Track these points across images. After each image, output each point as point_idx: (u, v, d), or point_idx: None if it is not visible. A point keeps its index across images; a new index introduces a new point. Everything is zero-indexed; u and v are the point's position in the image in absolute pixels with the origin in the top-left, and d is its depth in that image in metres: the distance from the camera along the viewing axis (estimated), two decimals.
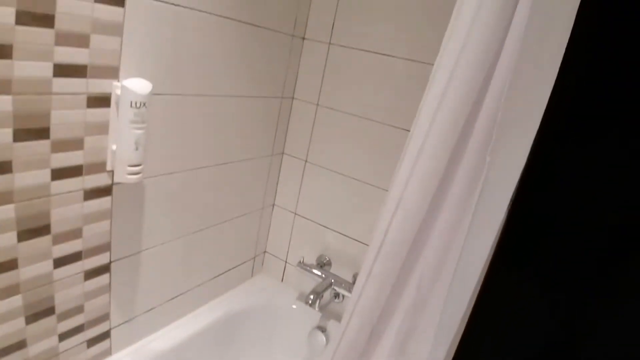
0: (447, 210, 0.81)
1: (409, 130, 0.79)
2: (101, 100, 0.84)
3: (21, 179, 0.73)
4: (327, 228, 1.42)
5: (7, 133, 0.69)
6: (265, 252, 1.53)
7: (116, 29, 0.81)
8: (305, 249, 1.49)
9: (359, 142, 1.31)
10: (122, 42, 0.83)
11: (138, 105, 0.84)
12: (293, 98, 1.42)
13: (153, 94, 0.92)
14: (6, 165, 0.70)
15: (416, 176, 0.77)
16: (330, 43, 1.31)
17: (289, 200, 1.50)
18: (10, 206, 0.74)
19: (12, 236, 0.76)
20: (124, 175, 0.87)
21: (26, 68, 0.68)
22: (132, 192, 0.99)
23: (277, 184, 1.52)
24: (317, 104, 1.37)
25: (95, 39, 0.79)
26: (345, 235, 1.39)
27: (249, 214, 1.44)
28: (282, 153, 1.49)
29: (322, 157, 1.39)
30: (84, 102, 0.81)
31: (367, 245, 0.84)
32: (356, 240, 1.38)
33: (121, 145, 0.86)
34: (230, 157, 1.25)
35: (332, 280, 1.37)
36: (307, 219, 1.47)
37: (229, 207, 1.33)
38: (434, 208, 0.82)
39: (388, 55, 1.22)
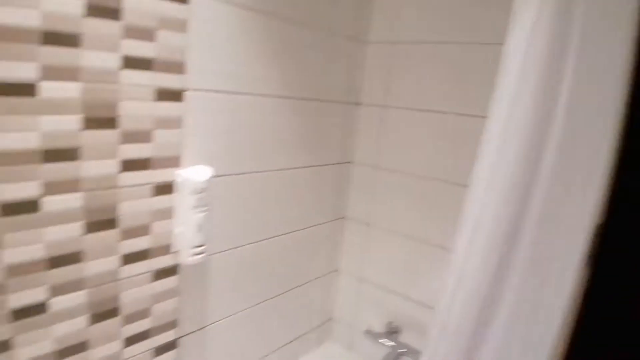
0: (513, 285, 0.72)
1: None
2: (165, 189, 0.90)
3: (92, 267, 0.77)
4: (395, 293, 1.34)
5: (78, 227, 0.74)
6: (331, 319, 1.47)
7: (176, 122, 0.88)
8: (372, 315, 1.41)
9: (421, 201, 1.25)
10: (182, 133, 0.89)
11: (199, 191, 0.88)
12: (351, 162, 1.41)
13: (213, 176, 0.96)
14: (76, 255, 0.75)
15: (477, 245, 0.70)
16: (384, 105, 1.31)
17: (354, 264, 1.45)
18: (82, 292, 0.77)
19: (83, 320, 0.79)
20: (188, 257, 0.90)
21: (93, 167, 0.75)
22: (198, 269, 1.02)
23: (340, 248, 1.48)
24: (376, 166, 1.35)
25: (157, 133, 0.86)
26: (413, 301, 1.30)
27: (313, 281, 1.41)
28: (344, 218, 1.46)
29: (385, 218, 1.34)
30: (150, 192, 0.87)
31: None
32: (425, 306, 1.27)
33: (185, 229, 0.89)
34: (292, 226, 1.26)
35: (402, 350, 1.26)
36: (373, 283, 1.40)
37: (293, 276, 1.32)
38: (499, 279, 0.72)
39: (441, 112, 1.18)
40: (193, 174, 0.88)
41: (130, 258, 0.86)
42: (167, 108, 0.86)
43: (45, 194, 0.69)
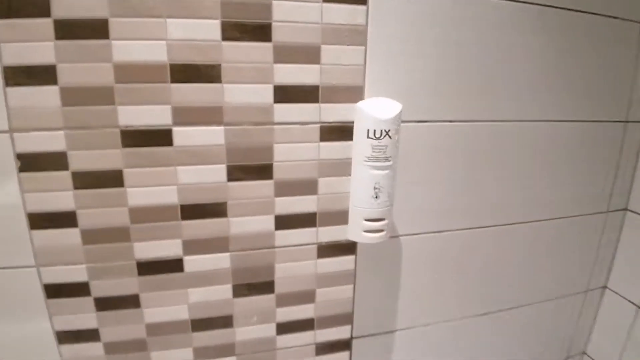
0: None
1: None
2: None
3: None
4: None
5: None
6: (584, 353, 0.92)
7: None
8: None
9: None
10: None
11: (378, 134, 0.54)
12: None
13: (407, 120, 0.62)
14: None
15: None
16: None
17: (635, 282, 0.85)
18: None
19: None
20: (359, 232, 0.59)
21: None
22: (379, 253, 0.71)
23: (615, 255, 0.90)
24: None
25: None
26: None
27: (562, 299, 0.89)
28: (625, 209, 0.87)
29: None
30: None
31: None
32: None
33: (356, 191, 0.58)
34: (533, 212, 0.80)
35: None
36: None
37: (533, 285, 0.85)
38: None
39: None
40: (370, 107, 0.55)
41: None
42: None
43: None
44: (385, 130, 0.57)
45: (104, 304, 0.62)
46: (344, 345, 0.74)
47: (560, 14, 0.70)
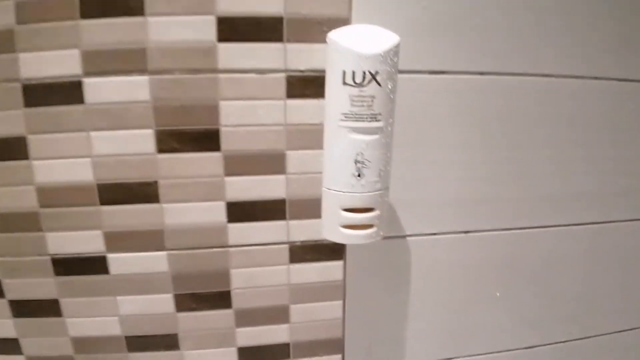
0: None
1: None
2: None
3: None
4: None
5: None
6: None
7: None
8: None
9: None
10: None
11: (359, 78, 0.34)
12: None
13: (415, 70, 0.43)
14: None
15: None
16: None
17: None
18: None
19: None
20: (335, 228, 0.39)
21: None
22: (374, 258, 0.51)
23: None
24: None
25: None
26: None
27: None
28: None
29: None
30: None
31: None
32: None
33: (329, 167, 0.39)
34: (600, 209, 0.53)
35: None
36: None
37: (609, 307, 0.59)
38: None
39: None
40: (347, 39, 0.36)
41: None
42: None
43: None
44: (370, 73, 0.36)
45: (21, 308, 0.49)
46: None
47: None
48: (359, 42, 0.37)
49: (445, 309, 0.56)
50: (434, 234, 0.52)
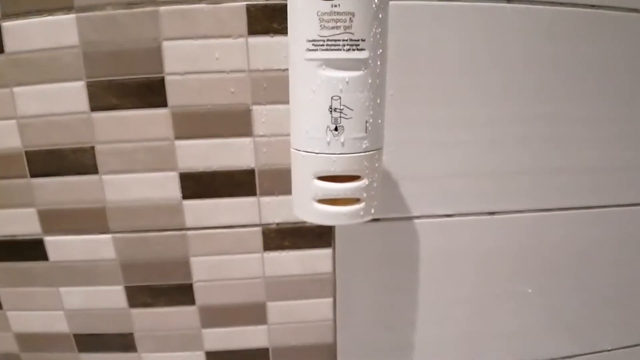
0: None
1: None
2: None
3: None
4: None
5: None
6: None
7: None
8: None
9: None
10: None
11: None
12: None
13: None
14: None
15: None
16: None
17: None
18: None
19: None
20: (307, 203, 0.28)
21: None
22: (372, 244, 0.39)
23: None
24: None
25: None
26: None
27: None
28: None
29: None
30: None
31: None
32: None
33: (297, 118, 0.27)
34: None
35: None
36: None
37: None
38: None
39: None
40: None
41: None
42: None
43: None
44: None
45: None
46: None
47: None
48: None
49: (461, 308, 0.43)
50: (449, 215, 0.40)
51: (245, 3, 0.33)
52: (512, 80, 0.37)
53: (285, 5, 0.31)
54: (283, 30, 0.34)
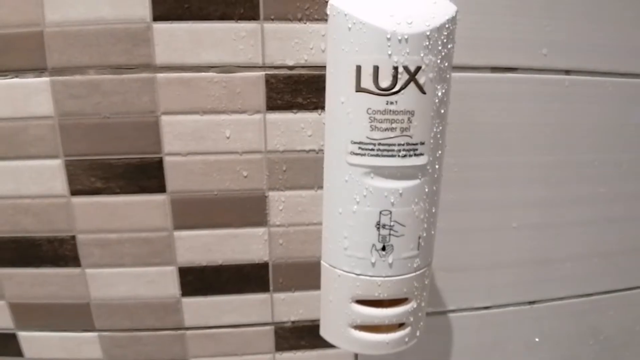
0: None
1: None
2: None
3: None
4: None
5: None
6: None
7: None
8: None
9: None
10: None
11: (389, 80, 0.15)
12: None
13: (481, 67, 0.26)
14: None
15: None
16: None
17: None
18: None
19: None
20: (343, 328, 0.21)
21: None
22: None
23: None
24: None
25: None
26: None
27: None
28: None
29: None
30: None
31: None
32: None
33: (334, 231, 0.21)
34: None
35: None
36: None
37: None
38: None
39: None
40: (375, 7, 0.18)
41: None
42: None
43: None
44: (407, 69, 0.17)
45: None
46: None
47: None
48: (384, 13, 0.18)
49: None
50: (488, 307, 0.33)
51: (264, 73, 0.26)
52: (571, 159, 0.31)
53: (314, 76, 0.24)
54: (308, 106, 0.27)
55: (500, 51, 0.28)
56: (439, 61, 0.20)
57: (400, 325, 0.24)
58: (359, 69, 0.19)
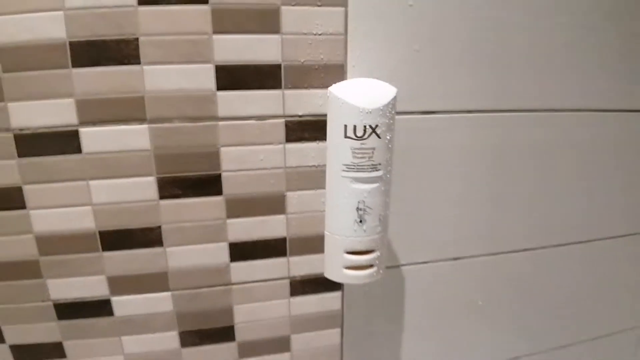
0: None
1: None
2: None
3: None
4: None
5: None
6: None
7: None
8: None
9: None
10: None
11: (360, 132, 0.34)
12: None
13: (407, 111, 0.45)
14: None
15: None
16: None
17: None
18: None
19: None
20: (339, 269, 0.40)
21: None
22: (370, 288, 0.52)
23: None
24: None
25: None
26: None
27: (604, 338, 0.65)
28: None
29: None
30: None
31: None
32: None
33: (332, 213, 0.39)
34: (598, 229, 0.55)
35: None
36: None
37: (584, 324, 0.61)
38: None
39: None
40: (349, 93, 0.35)
41: None
42: None
43: None
44: (370, 127, 0.35)
45: (22, 353, 0.46)
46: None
47: None
48: (359, 97, 0.36)
49: (437, 330, 0.56)
50: (425, 262, 0.52)
51: (284, 120, 0.43)
52: (477, 168, 0.50)
53: (315, 121, 0.41)
54: (311, 139, 0.44)
55: (427, 100, 0.47)
56: (387, 121, 0.38)
57: (371, 266, 0.43)
58: (345, 126, 0.37)
